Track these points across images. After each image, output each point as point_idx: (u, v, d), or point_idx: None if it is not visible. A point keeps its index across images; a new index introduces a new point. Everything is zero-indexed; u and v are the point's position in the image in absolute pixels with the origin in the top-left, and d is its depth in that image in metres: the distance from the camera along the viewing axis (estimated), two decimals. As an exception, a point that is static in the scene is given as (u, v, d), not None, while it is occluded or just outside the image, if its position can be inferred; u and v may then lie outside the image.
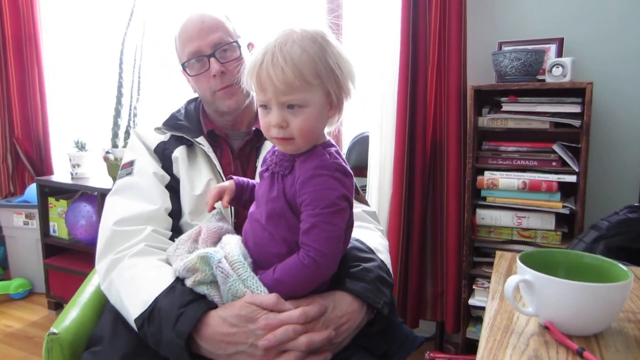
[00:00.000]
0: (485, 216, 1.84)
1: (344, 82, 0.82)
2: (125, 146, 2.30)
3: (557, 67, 1.65)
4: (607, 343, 0.63)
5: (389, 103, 1.96)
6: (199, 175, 1.10)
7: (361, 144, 2.16)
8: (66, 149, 2.59)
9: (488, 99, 1.86)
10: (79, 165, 2.49)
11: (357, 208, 1.11)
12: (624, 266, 0.67)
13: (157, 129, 1.17)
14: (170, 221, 1.06)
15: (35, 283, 2.81)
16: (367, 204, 1.24)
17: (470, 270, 1.90)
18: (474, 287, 1.88)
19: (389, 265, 1.00)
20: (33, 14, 2.75)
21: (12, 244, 2.84)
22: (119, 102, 2.29)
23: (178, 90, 1.27)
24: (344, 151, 2.18)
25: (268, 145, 1.11)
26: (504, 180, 1.77)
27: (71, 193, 2.61)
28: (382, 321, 0.91)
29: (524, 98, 1.73)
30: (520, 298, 0.70)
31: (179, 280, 0.86)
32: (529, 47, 1.73)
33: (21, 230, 2.75)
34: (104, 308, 1.03)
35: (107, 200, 1.09)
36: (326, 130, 0.87)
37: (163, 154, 1.13)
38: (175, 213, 1.08)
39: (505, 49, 1.81)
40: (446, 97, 1.90)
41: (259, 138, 1.16)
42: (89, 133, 2.64)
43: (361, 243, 0.98)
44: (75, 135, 2.58)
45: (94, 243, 1.08)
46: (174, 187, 1.11)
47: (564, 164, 1.71)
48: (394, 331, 0.97)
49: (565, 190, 1.75)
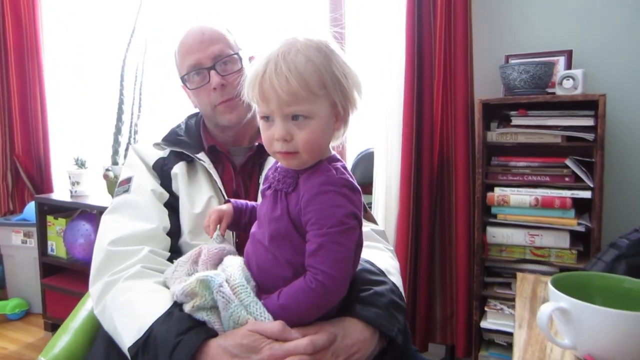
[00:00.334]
0: (496, 234, 1.78)
1: (350, 93, 0.78)
2: (125, 163, 2.25)
3: (568, 80, 1.61)
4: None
5: (394, 118, 1.92)
6: (199, 193, 1.06)
7: (366, 161, 2.11)
8: (66, 167, 2.55)
9: (496, 113, 1.81)
10: (78, 183, 2.45)
11: (366, 227, 1.06)
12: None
13: (156, 144, 1.13)
14: (168, 241, 1.02)
15: (33, 303, 2.76)
16: (376, 223, 1.19)
17: (481, 291, 1.83)
18: (486, 309, 1.80)
19: (402, 289, 0.94)
20: (35, 30, 2.74)
21: (10, 263, 2.79)
22: (119, 119, 2.25)
23: (180, 107, 1.23)
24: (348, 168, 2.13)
25: (271, 161, 1.07)
26: (515, 197, 1.71)
27: (70, 211, 2.56)
28: (397, 350, 0.85)
29: (534, 111, 1.68)
30: (552, 326, 0.63)
31: (177, 306, 0.81)
32: (538, 60, 1.69)
33: (19, 249, 2.71)
34: (97, 334, 0.98)
35: (103, 219, 1.04)
36: (331, 145, 0.83)
37: (162, 171, 1.09)
38: (174, 232, 1.04)
39: (512, 61, 1.77)
40: (453, 112, 1.86)
41: (261, 154, 1.12)
42: (90, 150, 2.61)
43: (371, 264, 0.92)
44: (75, 152, 2.54)
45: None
46: (173, 205, 1.06)
47: (578, 179, 1.65)
48: (408, 360, 0.91)
49: (579, 206, 1.69)
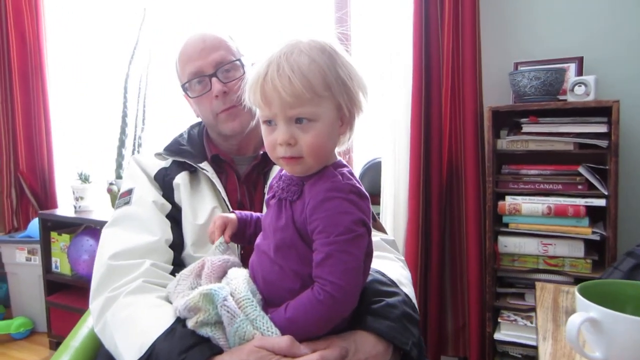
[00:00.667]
0: (508, 243, 1.74)
1: (355, 94, 0.75)
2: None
3: (580, 86, 1.57)
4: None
5: (401, 126, 1.89)
6: (202, 203, 1.02)
7: (373, 171, 2.09)
8: (70, 182, 2.52)
9: (506, 120, 1.78)
10: (82, 198, 2.42)
11: (376, 236, 1.03)
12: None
13: (158, 154, 1.11)
14: (171, 254, 0.98)
15: (37, 322, 2.71)
16: (385, 232, 1.16)
17: (494, 302, 1.78)
18: (499, 320, 1.75)
19: (414, 300, 0.90)
20: (39, 47, 2.74)
21: (14, 281, 2.75)
22: (123, 132, 2.23)
23: (184, 119, 1.21)
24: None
25: (276, 170, 1.03)
26: (527, 205, 1.67)
27: (74, 227, 2.54)
28: (411, 365, 0.80)
29: (545, 118, 1.64)
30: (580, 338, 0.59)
31: (180, 321, 0.77)
32: (549, 66, 1.65)
33: (23, 266, 2.67)
34: (98, 353, 0.94)
35: (103, 233, 1.01)
36: (337, 151, 0.79)
37: (164, 181, 1.06)
38: (177, 245, 1.00)
39: (522, 68, 1.74)
40: (462, 120, 1.82)
41: (266, 162, 1.09)
42: (93, 164, 2.58)
43: (382, 275, 0.88)
44: (79, 167, 2.52)
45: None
46: (175, 217, 1.03)
47: (591, 187, 1.61)
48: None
49: (593, 215, 1.64)
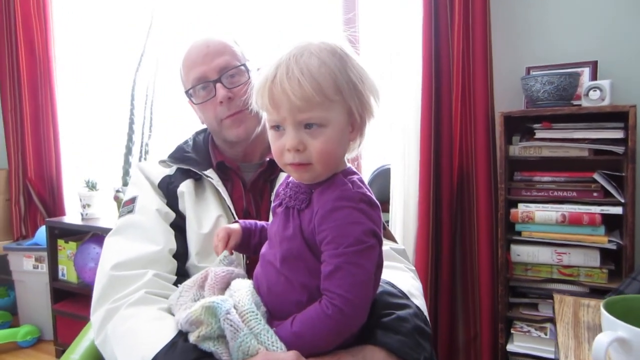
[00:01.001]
0: (521, 252, 1.69)
1: (367, 99, 0.72)
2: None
3: (595, 91, 1.53)
4: None
5: (411, 132, 1.86)
6: (207, 212, 1.00)
7: (382, 177, 2.05)
8: (78, 189, 2.51)
9: (518, 126, 1.73)
10: (89, 206, 2.40)
11: (385, 245, 0.99)
12: None
13: (162, 161, 1.08)
14: (174, 264, 0.95)
15: (44, 330, 2.69)
16: (395, 241, 1.12)
17: (506, 313, 1.73)
18: (512, 331, 1.70)
19: (426, 312, 0.86)
20: (48, 56, 2.74)
21: (22, 289, 2.74)
22: (130, 139, 2.22)
23: (191, 126, 1.19)
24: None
25: (283, 178, 1.00)
26: (541, 213, 1.63)
27: (81, 234, 2.52)
28: (423, 381, 0.76)
29: (559, 124, 1.60)
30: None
31: (182, 335, 0.74)
32: (563, 70, 1.62)
33: (30, 274, 2.65)
34: (98, 366, 0.91)
35: (106, 242, 0.99)
36: (346, 157, 0.76)
37: (168, 189, 1.03)
38: (181, 254, 0.97)
39: (535, 73, 1.70)
40: (473, 125, 1.78)
41: (273, 170, 1.06)
42: (101, 172, 2.57)
43: (392, 286, 0.85)
44: (86, 174, 2.51)
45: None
46: (179, 226, 1.00)
47: (607, 194, 1.57)
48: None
49: (610, 223, 1.60)
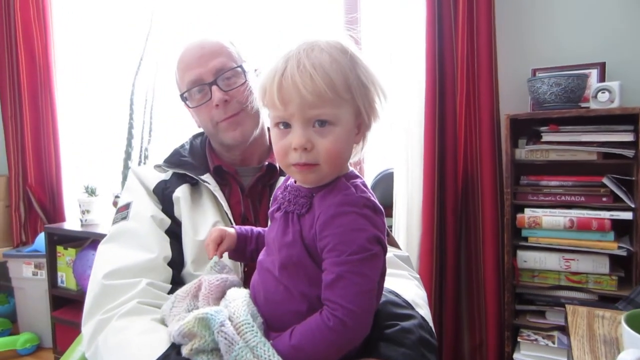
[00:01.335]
0: (528, 258, 1.65)
1: (374, 101, 0.69)
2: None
3: (603, 93, 1.50)
4: None
5: (415, 136, 1.82)
6: (204, 218, 0.96)
7: (385, 182, 2.02)
8: (77, 195, 2.48)
9: (524, 129, 1.70)
10: (88, 211, 2.37)
11: (389, 252, 0.95)
12: None
13: (157, 166, 1.05)
14: (169, 272, 0.92)
15: (44, 337, 2.66)
16: (399, 247, 1.08)
17: (513, 320, 1.69)
18: (519, 340, 1.66)
19: (431, 323, 0.82)
20: (48, 63, 2.72)
21: (21, 296, 2.70)
22: (129, 144, 2.19)
23: (192, 131, 1.15)
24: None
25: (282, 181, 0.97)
26: (548, 219, 1.59)
27: (81, 241, 2.49)
28: (429, 397, 0.72)
29: (567, 127, 1.57)
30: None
31: (175, 347, 0.70)
32: (571, 72, 1.58)
33: (30, 281, 2.62)
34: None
35: (99, 249, 0.96)
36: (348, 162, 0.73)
37: (163, 195, 1.00)
38: (176, 262, 0.94)
39: (542, 74, 1.66)
40: (478, 128, 1.75)
41: (272, 174, 1.03)
42: (100, 177, 2.54)
43: (396, 296, 0.81)
44: (86, 180, 2.48)
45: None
46: (175, 232, 0.97)
47: (617, 199, 1.53)
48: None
49: (619, 228, 1.56)
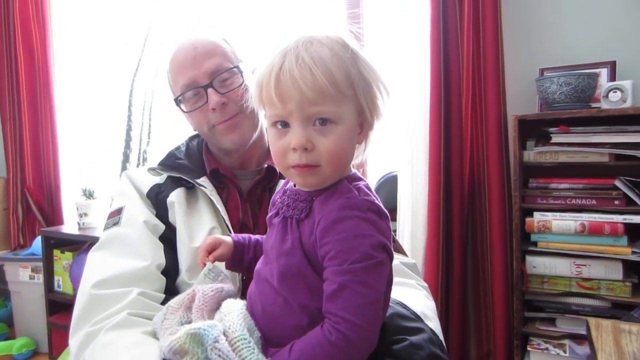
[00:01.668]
0: (537, 264, 1.60)
1: (376, 99, 0.65)
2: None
3: (615, 92, 1.45)
4: None
5: (419, 138, 1.78)
6: (200, 223, 0.91)
7: (389, 186, 1.97)
8: (74, 198, 2.44)
9: (532, 130, 1.65)
10: (86, 215, 2.33)
11: (395, 259, 0.89)
12: None
13: (151, 169, 1.00)
14: (163, 281, 0.87)
15: (40, 342, 2.60)
16: (405, 254, 1.03)
17: (522, 328, 1.63)
18: (529, 348, 1.60)
19: (441, 337, 0.77)
20: (47, 64, 2.68)
21: (18, 300, 2.66)
22: (127, 146, 2.15)
23: (191, 133, 1.10)
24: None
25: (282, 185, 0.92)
26: (558, 223, 1.54)
27: (79, 244, 2.44)
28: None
29: (577, 127, 1.51)
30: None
31: (166, 363, 0.65)
32: (581, 71, 1.53)
33: (27, 285, 2.58)
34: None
35: (88, 257, 0.90)
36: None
37: (157, 199, 0.95)
38: (171, 270, 0.89)
39: (551, 74, 1.61)
40: (485, 130, 1.70)
41: (271, 177, 0.98)
42: (98, 180, 2.50)
43: (404, 307, 0.76)
44: (84, 182, 2.44)
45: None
46: (169, 239, 0.92)
47: (630, 202, 1.47)
48: None
49: (632, 233, 1.50)
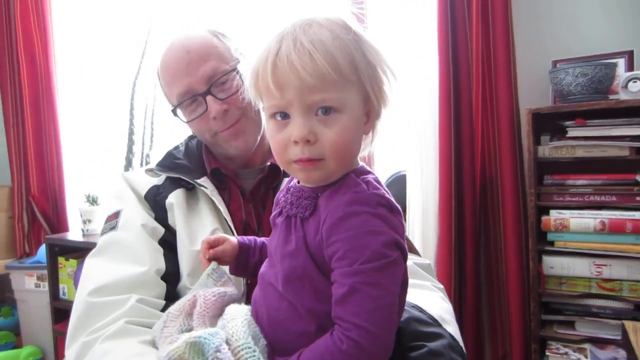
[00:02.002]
0: (555, 264, 1.53)
1: (383, 84, 0.60)
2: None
3: (635, 82, 1.39)
4: None
5: (428, 134, 1.72)
6: (201, 225, 0.86)
7: (397, 185, 1.91)
8: (78, 204, 2.41)
9: (547, 124, 1.59)
10: (90, 221, 2.30)
11: (408, 260, 0.84)
12: None
13: (149, 170, 0.95)
14: (163, 287, 0.82)
15: (47, 351, 2.59)
16: (418, 254, 0.98)
17: (539, 332, 1.57)
18: (547, 353, 1.54)
19: (461, 342, 0.71)
20: (49, 69, 2.65)
21: (24, 309, 2.65)
22: (130, 151, 2.11)
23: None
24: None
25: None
26: (577, 220, 1.47)
27: (83, 251, 2.41)
28: None
29: (595, 120, 1.45)
30: None
31: (164, 375, 0.60)
32: (598, 61, 1.47)
33: (32, 293, 2.56)
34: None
35: (85, 264, 0.86)
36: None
37: (155, 201, 0.90)
38: (171, 275, 0.84)
39: (564, 65, 1.55)
40: (496, 125, 1.64)
41: (275, 175, 0.92)
42: (102, 185, 2.46)
43: (421, 311, 0.70)
44: (87, 188, 2.41)
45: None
46: (169, 242, 0.87)
47: (653, 197, 1.41)
48: None
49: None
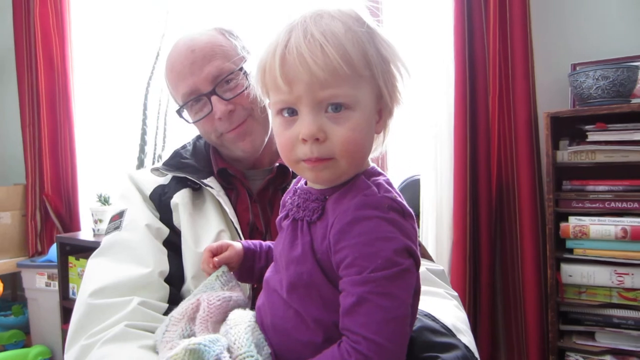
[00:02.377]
0: (574, 273, 1.49)
1: (397, 81, 0.56)
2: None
3: (658, 85, 1.34)
4: None
5: (444, 138, 1.69)
6: (206, 226, 0.84)
7: (411, 190, 1.88)
8: (90, 204, 2.41)
9: (566, 128, 1.54)
10: (101, 221, 2.29)
11: (421, 266, 0.81)
12: None
13: (155, 169, 0.93)
14: (166, 289, 0.80)
15: (56, 351, 2.59)
16: (432, 259, 0.94)
17: (557, 342, 1.52)
18: (566, 365, 1.49)
19: (476, 353, 0.67)
20: (66, 70, 2.67)
21: (34, 308, 2.65)
22: (142, 151, 2.11)
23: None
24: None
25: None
26: (597, 228, 1.43)
27: (93, 251, 2.40)
28: None
29: (616, 125, 1.41)
30: None
31: (164, 383, 0.57)
32: (619, 64, 1.42)
33: (43, 292, 2.56)
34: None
35: (88, 265, 0.85)
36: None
37: (160, 201, 0.88)
38: (176, 277, 0.82)
39: (585, 68, 1.50)
40: (513, 129, 1.60)
41: (284, 176, 0.90)
42: (113, 185, 2.46)
43: (434, 320, 0.67)
44: (100, 188, 2.41)
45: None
46: (174, 244, 0.85)
47: (676, 205, 1.36)
48: None
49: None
